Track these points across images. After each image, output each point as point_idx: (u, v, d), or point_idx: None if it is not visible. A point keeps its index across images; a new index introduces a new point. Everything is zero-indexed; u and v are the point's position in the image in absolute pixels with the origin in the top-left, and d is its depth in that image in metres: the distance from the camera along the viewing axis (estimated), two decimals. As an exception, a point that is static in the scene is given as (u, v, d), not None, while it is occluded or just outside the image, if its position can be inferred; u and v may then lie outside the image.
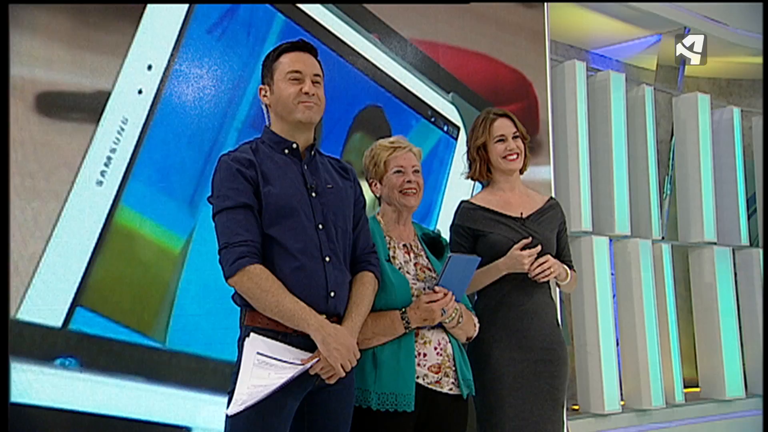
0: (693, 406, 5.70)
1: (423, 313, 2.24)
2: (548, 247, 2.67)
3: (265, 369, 1.92)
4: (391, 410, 2.20)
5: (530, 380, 2.59)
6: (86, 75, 3.12)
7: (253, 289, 1.97)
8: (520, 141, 2.74)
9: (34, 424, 2.89)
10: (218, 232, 2.05)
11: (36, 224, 2.96)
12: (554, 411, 2.61)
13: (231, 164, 2.07)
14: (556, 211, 2.80)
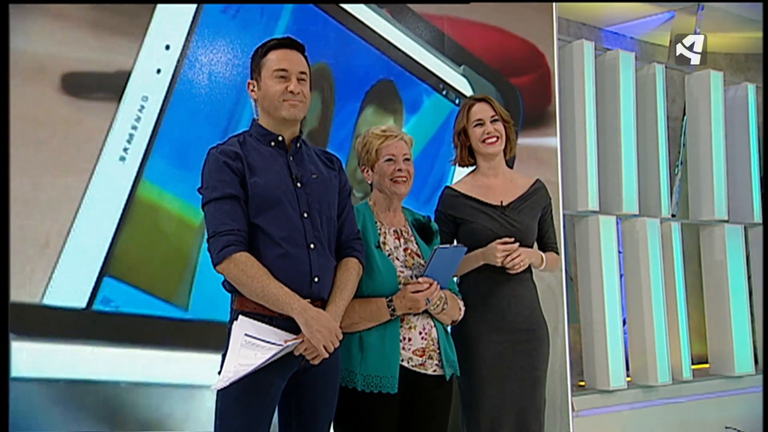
0: (701, 383, 5.77)
1: (408, 302, 2.36)
2: (528, 235, 2.76)
3: (252, 349, 2.05)
4: (375, 391, 2.33)
5: (510, 360, 2.70)
6: (108, 56, 3.25)
7: (239, 275, 2.08)
8: (500, 124, 2.80)
9: (65, 395, 3.05)
10: (207, 221, 2.16)
11: (65, 199, 3.10)
12: (534, 390, 2.71)
13: (218, 157, 2.18)
14: (539, 194, 2.88)
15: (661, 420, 5.42)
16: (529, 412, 2.72)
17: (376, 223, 2.51)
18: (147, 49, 3.35)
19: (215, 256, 2.11)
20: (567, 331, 4.96)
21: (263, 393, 2.09)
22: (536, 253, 2.78)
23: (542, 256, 2.79)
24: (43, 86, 3.11)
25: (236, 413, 2.07)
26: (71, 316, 3.11)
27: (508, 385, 2.70)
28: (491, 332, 2.73)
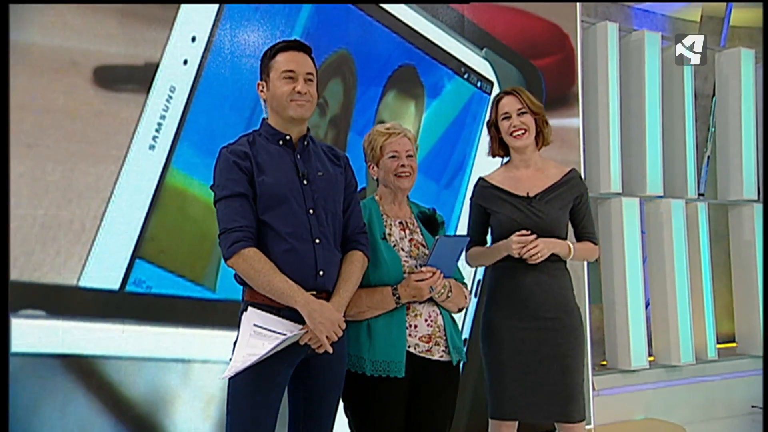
0: (726, 362, 5.81)
1: (412, 291, 2.47)
2: (555, 226, 2.80)
3: (260, 339, 2.17)
4: (383, 376, 2.45)
5: (534, 347, 2.77)
6: (136, 48, 3.40)
7: (247, 270, 2.21)
8: (528, 117, 2.84)
9: (100, 371, 3.25)
10: (218, 218, 2.28)
11: (98, 186, 3.27)
12: (563, 376, 2.77)
13: (228, 156, 2.29)
14: (571, 184, 2.89)
15: (684, 399, 5.47)
16: (560, 397, 2.77)
17: (382, 215, 2.62)
18: (174, 41, 3.49)
19: (226, 251, 2.23)
20: (588, 312, 5.04)
21: (271, 380, 2.23)
22: (559, 244, 2.79)
23: (570, 247, 2.81)
24: (76, 79, 3.27)
25: (246, 399, 2.21)
26: (105, 297, 3.29)
27: (533, 371, 2.78)
28: (514, 320, 2.81)
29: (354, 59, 4.06)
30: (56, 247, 3.20)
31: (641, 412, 5.26)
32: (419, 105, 4.32)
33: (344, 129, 4.03)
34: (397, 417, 2.48)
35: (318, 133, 3.84)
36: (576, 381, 2.79)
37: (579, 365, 2.82)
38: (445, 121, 4.44)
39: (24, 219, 3.11)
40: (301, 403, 2.34)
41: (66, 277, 3.21)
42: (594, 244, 2.92)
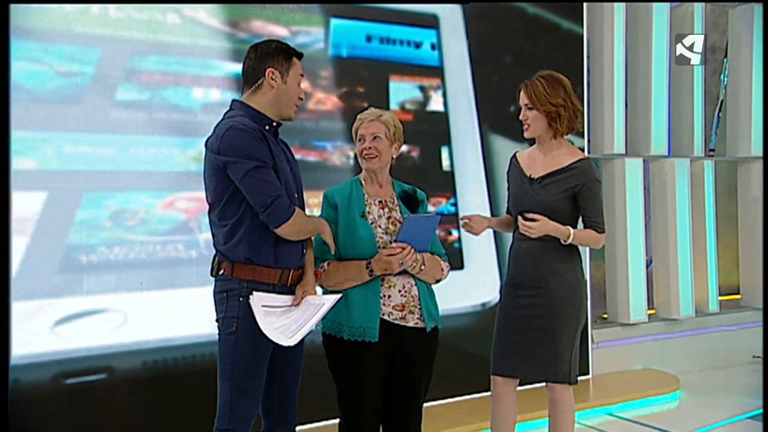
0: (728, 314, 6.00)
1: (383, 264, 2.72)
2: (551, 208, 3.00)
3: (272, 315, 2.48)
4: (359, 340, 2.72)
5: (524, 311, 3.05)
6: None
7: (301, 223, 2.50)
8: (534, 111, 3.00)
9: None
10: (258, 187, 2.42)
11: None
12: (546, 338, 3.02)
13: (255, 132, 2.47)
14: (574, 173, 3.02)
15: (684, 350, 5.71)
16: (543, 356, 3.02)
17: (364, 195, 2.86)
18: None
19: (285, 213, 2.44)
20: (589, 268, 5.26)
21: (268, 345, 2.49)
22: (558, 228, 2.99)
23: (569, 233, 2.99)
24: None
25: (247, 358, 2.50)
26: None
27: (521, 332, 3.05)
28: (513, 287, 3.11)
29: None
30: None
31: (640, 363, 5.51)
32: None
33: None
34: (374, 379, 2.76)
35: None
36: (561, 345, 3.02)
37: (566, 331, 3.03)
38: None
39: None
40: (275, 362, 2.60)
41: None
42: (598, 233, 3.06)
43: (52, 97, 3.48)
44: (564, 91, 3.01)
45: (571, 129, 3.06)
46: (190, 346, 3.72)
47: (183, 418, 3.58)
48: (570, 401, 3.07)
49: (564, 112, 3.00)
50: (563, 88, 3.01)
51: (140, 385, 3.64)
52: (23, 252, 3.39)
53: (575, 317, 3.05)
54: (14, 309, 3.36)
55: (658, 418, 4.67)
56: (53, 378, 3.46)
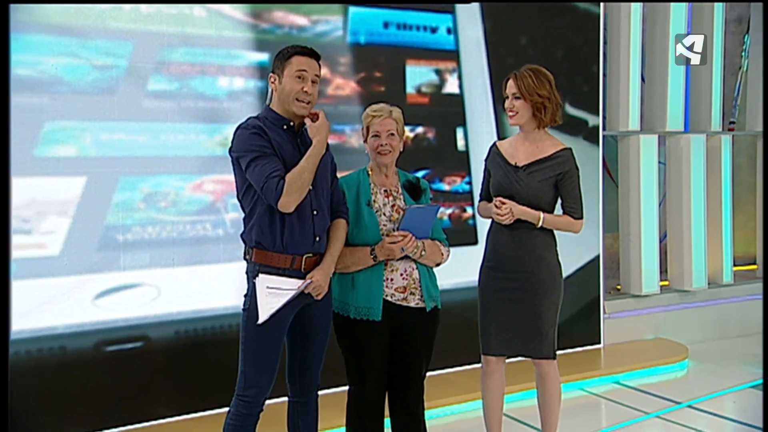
0: (742, 286, 6.16)
1: (386, 251, 2.98)
2: (534, 195, 3.21)
3: (274, 296, 2.74)
4: (364, 318, 3.00)
5: (508, 294, 3.27)
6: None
7: (296, 186, 2.65)
8: (521, 101, 3.19)
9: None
10: (255, 174, 2.67)
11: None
12: (531, 319, 3.26)
13: (252, 129, 2.73)
14: (557, 162, 3.23)
15: (697, 321, 5.89)
16: (529, 335, 3.27)
17: (370, 184, 3.10)
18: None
19: (274, 189, 2.63)
20: (601, 240, 5.45)
21: (279, 322, 2.79)
22: (529, 212, 3.20)
23: (539, 216, 3.20)
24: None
25: (259, 338, 2.78)
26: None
27: (511, 313, 3.28)
28: (494, 271, 3.32)
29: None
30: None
31: (652, 333, 5.71)
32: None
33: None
34: (377, 353, 3.04)
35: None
36: (543, 324, 3.27)
37: (547, 311, 3.28)
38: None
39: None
40: (299, 338, 2.91)
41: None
42: (574, 219, 3.28)
43: (89, 89, 3.77)
44: (549, 84, 3.20)
45: (553, 121, 3.25)
46: (218, 317, 4.04)
47: (212, 383, 3.91)
48: (556, 373, 3.33)
49: (549, 104, 3.20)
50: (548, 82, 3.20)
51: (173, 352, 3.98)
52: (66, 232, 3.72)
53: (556, 299, 3.29)
54: (59, 283, 3.72)
55: (664, 386, 4.88)
56: (95, 345, 3.82)
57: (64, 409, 3.74)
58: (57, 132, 3.69)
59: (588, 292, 5.42)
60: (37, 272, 3.67)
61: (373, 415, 3.11)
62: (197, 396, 4.01)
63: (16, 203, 3.59)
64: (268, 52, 4.15)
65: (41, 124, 3.66)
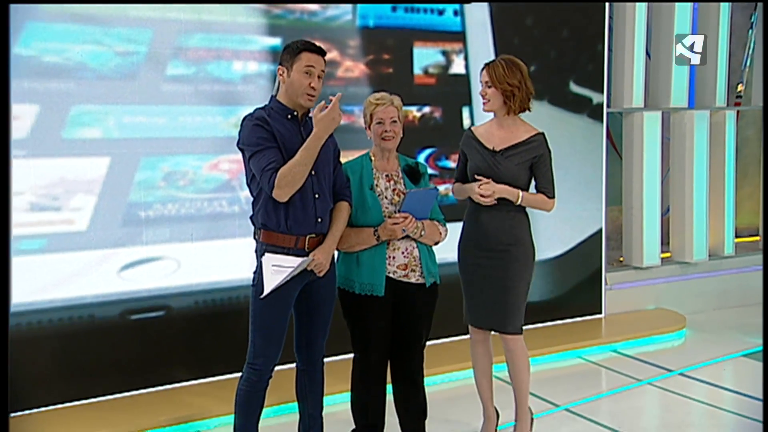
0: (743, 257, 6.33)
1: (388, 231, 3.22)
2: (512, 177, 3.39)
3: (279, 273, 2.98)
4: (368, 294, 3.24)
5: (485, 270, 3.46)
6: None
7: (287, 179, 2.86)
8: (493, 90, 3.38)
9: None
10: (255, 166, 2.93)
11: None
12: (505, 294, 3.45)
13: (255, 121, 2.96)
14: (532, 146, 3.42)
15: (697, 292, 6.09)
16: (502, 308, 3.47)
17: (373, 169, 3.32)
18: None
19: (268, 185, 2.86)
20: (604, 214, 5.64)
21: (285, 297, 3.05)
22: (509, 190, 3.39)
23: (518, 194, 3.40)
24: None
25: (265, 311, 3.05)
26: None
27: (485, 288, 3.49)
28: (473, 248, 3.51)
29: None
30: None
31: (652, 303, 5.92)
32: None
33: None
34: (380, 326, 3.30)
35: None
36: (515, 299, 3.47)
37: (519, 287, 3.48)
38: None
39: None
40: (304, 312, 3.17)
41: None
42: (548, 198, 3.48)
43: (112, 74, 4.00)
44: (520, 74, 3.37)
45: (523, 109, 3.43)
46: (234, 288, 4.31)
47: (227, 350, 4.18)
48: (523, 348, 3.52)
49: (518, 93, 3.37)
50: (520, 72, 3.37)
51: (192, 321, 4.27)
52: (92, 209, 3.99)
53: (528, 275, 3.50)
54: (86, 257, 4.00)
55: (660, 354, 5.10)
56: (121, 314, 4.11)
57: (92, 372, 4.05)
58: (83, 115, 3.94)
59: (590, 264, 5.63)
60: (66, 246, 3.95)
61: (376, 381, 3.38)
62: (214, 361, 4.30)
63: (46, 182, 3.87)
64: (281, 37, 4.35)
65: (68, 108, 3.90)
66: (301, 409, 3.29)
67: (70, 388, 4.00)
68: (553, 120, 5.27)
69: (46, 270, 3.90)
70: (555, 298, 5.49)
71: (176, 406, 4.00)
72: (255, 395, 3.08)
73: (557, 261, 5.47)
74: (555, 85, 5.35)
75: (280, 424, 3.80)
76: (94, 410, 3.97)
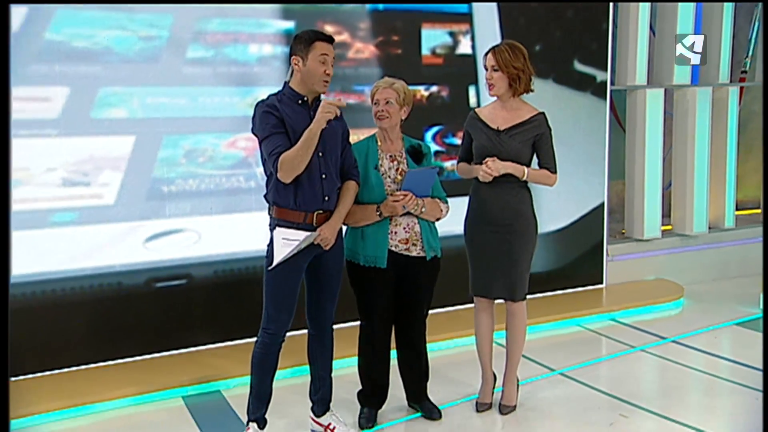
0: (743, 230, 6.53)
1: (390, 208, 3.48)
2: (516, 154, 3.62)
3: (288, 246, 3.26)
4: (372, 266, 3.52)
5: (492, 245, 3.71)
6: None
7: (291, 161, 3.12)
8: (499, 73, 3.58)
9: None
10: (264, 150, 3.21)
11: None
12: (511, 265, 3.71)
13: (266, 108, 3.21)
14: (534, 125, 3.65)
15: (697, 263, 6.30)
16: (509, 279, 3.73)
17: (378, 150, 3.58)
18: None
19: (274, 167, 3.13)
20: (606, 188, 5.86)
21: (294, 268, 3.33)
22: (514, 167, 3.62)
23: (523, 170, 3.63)
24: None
25: (277, 281, 3.33)
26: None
27: (492, 261, 3.74)
28: (480, 224, 3.76)
29: None
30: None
31: (652, 274, 6.15)
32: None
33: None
34: (384, 295, 3.57)
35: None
36: (520, 271, 3.73)
37: (526, 259, 3.75)
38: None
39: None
40: (314, 283, 3.45)
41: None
42: (551, 173, 3.70)
43: (136, 57, 4.26)
44: (523, 57, 3.58)
45: (527, 90, 3.64)
46: (251, 258, 4.59)
47: (245, 315, 4.46)
48: (524, 313, 3.80)
49: (523, 75, 3.58)
50: (523, 56, 3.58)
51: (212, 289, 4.59)
52: (119, 184, 4.28)
53: (531, 247, 3.75)
54: (113, 229, 4.31)
55: (655, 323, 5.34)
56: (146, 282, 4.42)
57: (120, 335, 4.39)
58: (109, 96, 4.21)
59: (593, 236, 5.86)
60: (96, 219, 4.25)
61: (381, 346, 3.67)
62: (231, 326, 4.63)
63: (76, 159, 4.17)
64: (294, 21, 4.58)
65: (96, 90, 4.18)
66: (312, 371, 3.59)
67: (99, 350, 4.34)
68: (558, 98, 5.49)
69: (77, 241, 4.22)
70: (558, 269, 5.74)
71: (197, 367, 4.33)
72: (269, 357, 3.38)
73: (561, 233, 5.72)
74: (560, 63, 5.54)
75: (294, 384, 4.11)
76: (122, 370, 4.31)
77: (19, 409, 3.76)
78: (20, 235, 4.04)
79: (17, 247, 4.02)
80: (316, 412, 3.62)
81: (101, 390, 4.02)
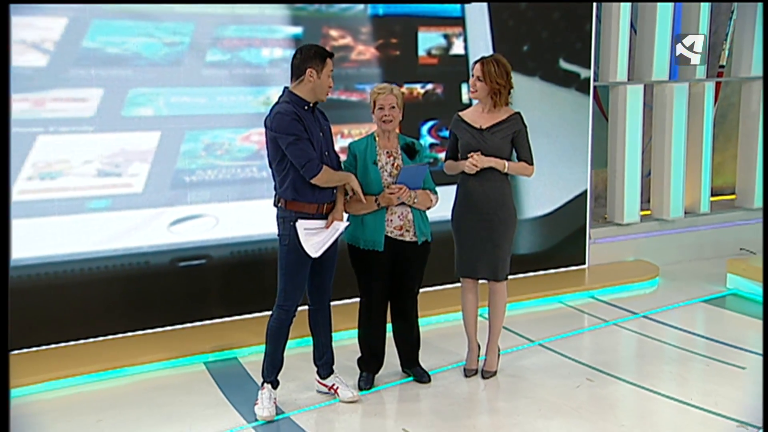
0: (718, 215, 7.03)
1: (386, 200, 3.99)
2: (498, 150, 4.12)
3: (310, 235, 3.78)
4: (371, 249, 4.03)
5: (476, 231, 4.21)
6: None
7: (328, 177, 3.71)
8: (483, 84, 4.06)
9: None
10: (296, 153, 3.68)
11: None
12: (494, 249, 4.21)
13: (293, 116, 3.68)
14: (512, 123, 4.14)
15: (674, 245, 6.80)
16: (492, 262, 4.24)
17: (376, 147, 4.08)
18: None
19: (314, 171, 3.68)
20: (590, 175, 6.35)
21: (307, 254, 3.85)
22: (495, 161, 4.11)
23: (504, 164, 4.13)
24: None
25: (296, 265, 3.83)
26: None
27: (477, 246, 4.25)
28: (467, 212, 4.26)
29: None
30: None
31: (632, 256, 6.65)
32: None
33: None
34: (381, 275, 4.10)
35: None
36: (502, 254, 4.25)
37: (507, 243, 4.26)
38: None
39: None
40: (316, 263, 3.90)
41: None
42: (529, 165, 4.21)
43: (162, 61, 4.77)
44: (506, 74, 4.07)
45: (506, 103, 4.13)
46: (264, 241, 5.13)
47: (258, 292, 5.03)
48: (504, 291, 4.32)
49: (503, 91, 4.08)
50: (506, 72, 4.07)
51: (229, 268, 5.13)
52: (146, 175, 4.81)
53: (511, 234, 4.26)
54: (142, 214, 4.85)
55: (631, 300, 5.85)
56: (170, 261, 4.96)
57: (147, 308, 4.94)
58: (138, 97, 4.73)
59: (576, 221, 6.36)
60: (126, 205, 4.79)
61: (378, 319, 4.22)
62: (246, 301, 5.17)
63: (109, 153, 4.70)
64: (302, 26, 5.07)
65: (126, 91, 4.70)
66: (315, 340, 4.15)
67: (130, 321, 4.90)
68: (544, 94, 5.97)
69: (110, 225, 4.76)
70: (543, 251, 6.25)
71: (216, 337, 4.88)
72: (283, 330, 3.93)
73: (546, 218, 6.22)
74: (546, 62, 6.00)
75: (300, 353, 4.63)
76: (150, 339, 4.87)
77: (65, 370, 4.34)
78: (61, 220, 4.59)
79: (59, 230, 4.57)
80: (321, 375, 4.17)
81: (134, 355, 4.59)
